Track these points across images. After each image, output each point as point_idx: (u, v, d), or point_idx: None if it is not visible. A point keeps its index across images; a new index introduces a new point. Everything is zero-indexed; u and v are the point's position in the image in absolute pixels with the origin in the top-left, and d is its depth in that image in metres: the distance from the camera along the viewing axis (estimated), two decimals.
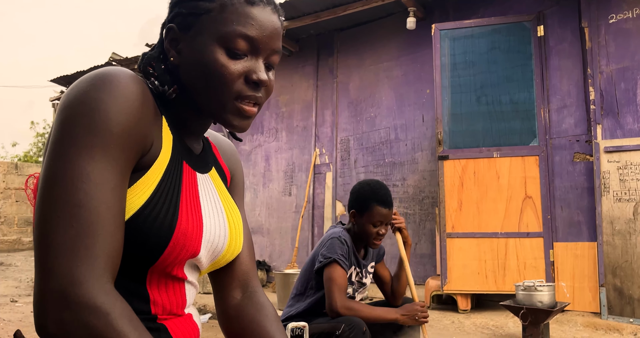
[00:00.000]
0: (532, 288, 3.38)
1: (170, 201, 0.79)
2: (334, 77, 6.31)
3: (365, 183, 2.46)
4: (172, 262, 0.80)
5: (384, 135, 5.77)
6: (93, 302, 0.64)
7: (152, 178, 0.79)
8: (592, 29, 4.38)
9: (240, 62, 0.83)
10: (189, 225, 0.81)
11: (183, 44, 0.86)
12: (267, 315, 0.99)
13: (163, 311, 0.84)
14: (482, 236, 4.52)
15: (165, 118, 0.85)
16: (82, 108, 0.70)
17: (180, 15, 0.85)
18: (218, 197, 0.94)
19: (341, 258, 2.30)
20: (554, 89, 4.64)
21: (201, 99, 0.85)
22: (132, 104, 0.74)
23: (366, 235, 2.40)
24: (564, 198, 4.48)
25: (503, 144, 4.64)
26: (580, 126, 4.48)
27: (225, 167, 1.05)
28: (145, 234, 0.75)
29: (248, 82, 0.84)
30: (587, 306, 4.22)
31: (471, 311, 4.51)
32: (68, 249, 0.65)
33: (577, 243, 4.34)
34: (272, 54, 0.88)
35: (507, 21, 4.79)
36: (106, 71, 0.75)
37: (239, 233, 0.96)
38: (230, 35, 0.82)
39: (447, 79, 4.92)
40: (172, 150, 0.84)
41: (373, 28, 6.02)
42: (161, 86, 0.87)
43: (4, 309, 5.04)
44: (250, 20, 0.83)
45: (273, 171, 6.75)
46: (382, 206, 2.36)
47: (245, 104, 0.85)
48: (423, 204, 5.39)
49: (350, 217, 2.45)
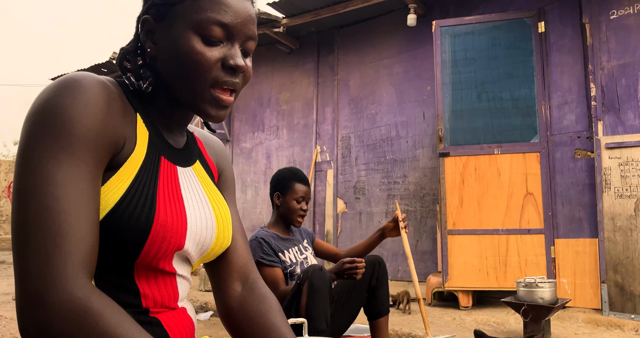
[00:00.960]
0: (533, 284, 3.37)
1: (147, 196, 0.80)
2: (334, 75, 6.30)
3: (284, 169, 2.77)
4: (155, 255, 0.81)
5: (385, 132, 5.76)
6: (68, 297, 0.65)
7: (127, 174, 0.80)
8: (593, 25, 4.36)
9: (216, 49, 0.84)
10: (168, 217, 0.81)
11: (159, 35, 0.86)
12: (271, 306, 0.99)
13: (155, 304, 0.84)
14: (483, 233, 4.52)
15: (140, 115, 0.86)
16: (45, 115, 0.72)
17: (154, 6, 0.86)
18: (202, 190, 0.94)
19: (263, 258, 2.46)
20: (555, 85, 4.63)
21: (178, 88, 0.86)
22: (95, 106, 0.75)
23: (291, 211, 2.63)
24: (565, 194, 4.47)
25: (504, 141, 4.63)
26: (581, 122, 4.47)
27: (211, 162, 1.05)
28: (122, 229, 0.76)
29: (225, 68, 0.85)
30: (588, 302, 4.22)
31: (472, 308, 4.51)
32: (39, 250, 0.66)
33: (578, 240, 4.34)
34: (248, 40, 0.88)
35: (507, 18, 4.77)
36: (69, 77, 0.76)
37: (226, 225, 0.96)
38: (204, 22, 0.83)
39: (447, 75, 4.91)
40: (147, 146, 0.85)
41: (373, 25, 6.01)
42: (137, 81, 0.88)
43: (6, 307, 5.05)
44: (224, 7, 0.84)
45: (274, 168, 6.74)
46: (302, 184, 2.65)
47: (222, 92, 0.86)
48: (424, 202, 5.39)
49: (275, 200, 2.67)
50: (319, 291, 2.21)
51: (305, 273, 2.27)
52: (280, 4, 5.70)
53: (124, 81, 0.88)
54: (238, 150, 7.19)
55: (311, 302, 2.17)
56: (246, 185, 7.01)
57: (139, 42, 0.90)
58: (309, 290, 2.21)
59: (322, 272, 2.25)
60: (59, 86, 0.75)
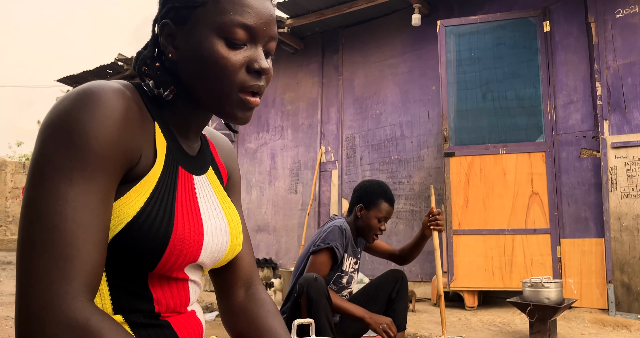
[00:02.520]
0: (539, 284, 3.36)
1: (165, 208, 0.79)
2: (339, 75, 6.30)
3: (375, 182, 2.65)
4: (171, 267, 0.81)
5: (390, 132, 5.76)
6: (67, 321, 0.64)
7: (146, 186, 0.78)
8: (598, 24, 4.35)
9: (240, 52, 0.83)
10: (186, 230, 0.81)
11: (180, 39, 0.84)
12: (269, 311, 1.01)
13: (167, 309, 0.85)
14: (489, 233, 4.50)
15: (158, 124, 0.84)
16: (61, 129, 0.70)
17: (173, 9, 0.84)
18: (216, 198, 0.94)
19: (337, 247, 2.43)
20: (560, 84, 4.61)
21: (202, 93, 0.84)
22: (112, 121, 0.73)
23: (369, 228, 2.56)
24: (571, 194, 4.45)
25: (509, 141, 4.62)
26: (587, 121, 4.46)
27: (221, 165, 1.04)
28: (140, 242, 0.75)
29: (250, 72, 0.84)
30: (594, 302, 4.20)
31: (478, 308, 4.50)
32: (42, 273, 0.65)
33: (585, 240, 4.32)
34: (270, 41, 0.87)
35: (512, 17, 4.76)
36: (88, 88, 0.74)
37: (238, 232, 0.97)
38: (228, 25, 0.81)
39: (452, 75, 4.90)
40: (165, 156, 0.83)
41: (378, 25, 6.01)
42: (156, 88, 0.86)
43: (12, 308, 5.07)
44: (246, 9, 0.82)
45: (279, 169, 6.75)
46: (388, 203, 2.57)
47: (249, 94, 0.84)
48: (429, 202, 5.37)
49: (356, 211, 2.59)
50: (317, 302, 2.20)
51: (300, 286, 2.25)
52: (284, 4, 5.70)
53: (141, 84, 0.87)
54: (243, 150, 7.19)
55: (313, 315, 2.16)
56: (251, 185, 7.02)
57: (157, 46, 0.88)
58: (307, 303, 2.21)
59: (317, 282, 2.24)
60: (76, 97, 0.73)
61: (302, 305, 2.19)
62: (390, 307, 2.56)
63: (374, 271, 5.36)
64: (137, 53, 0.91)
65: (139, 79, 0.87)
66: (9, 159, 16.20)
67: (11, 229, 11.77)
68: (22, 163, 12.43)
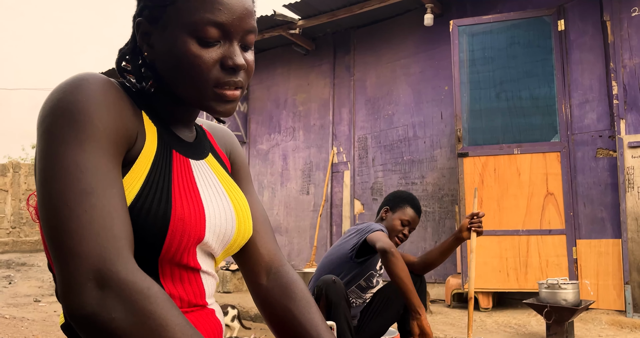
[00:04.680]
0: (556, 286, 3.33)
1: (162, 191, 0.79)
2: (350, 75, 6.29)
3: (406, 191, 2.77)
4: (177, 250, 0.80)
5: (402, 133, 5.73)
6: (132, 278, 0.66)
7: (140, 170, 0.79)
8: (614, 23, 4.30)
9: (213, 49, 0.82)
10: (185, 210, 0.80)
11: (154, 38, 0.84)
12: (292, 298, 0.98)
13: (181, 303, 0.84)
14: (503, 234, 4.47)
15: (145, 112, 0.85)
16: (61, 112, 0.72)
17: (147, 8, 0.84)
18: (218, 182, 0.93)
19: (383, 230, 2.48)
20: (576, 83, 4.56)
21: (180, 90, 0.85)
22: (107, 101, 0.75)
23: (392, 230, 2.59)
24: (586, 194, 4.41)
25: (523, 141, 4.58)
26: (603, 121, 4.41)
27: (222, 154, 1.04)
28: (141, 226, 0.76)
29: (225, 68, 0.83)
30: (611, 304, 4.15)
31: (492, 309, 4.47)
32: (88, 233, 0.66)
33: (601, 240, 4.27)
34: (246, 35, 0.85)
35: (526, 16, 4.72)
36: (77, 76, 0.76)
37: (246, 216, 0.95)
38: (198, 24, 0.80)
39: (465, 75, 4.87)
40: (157, 141, 0.84)
41: (390, 25, 5.99)
42: (138, 83, 0.87)
43: (28, 309, 5.11)
44: (217, 5, 0.80)
45: (291, 170, 6.75)
46: (413, 209, 2.63)
47: (226, 89, 0.84)
48: (442, 202, 5.35)
49: (382, 213, 2.65)
50: (337, 305, 2.19)
51: (319, 289, 2.24)
52: (296, 5, 5.70)
53: (124, 82, 0.87)
54: (255, 152, 7.20)
55: (333, 318, 2.15)
56: (263, 187, 7.02)
57: (136, 43, 0.88)
58: (327, 305, 2.20)
59: (336, 284, 2.23)
60: (68, 85, 0.75)
61: (321, 307, 2.18)
62: (408, 310, 2.53)
63: None
64: (118, 49, 0.92)
65: (119, 74, 0.89)
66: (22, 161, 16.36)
67: (25, 230, 11.88)
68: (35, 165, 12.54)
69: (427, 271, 2.71)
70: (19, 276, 7.62)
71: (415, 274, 2.62)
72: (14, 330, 3.96)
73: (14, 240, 11.46)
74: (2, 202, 11.68)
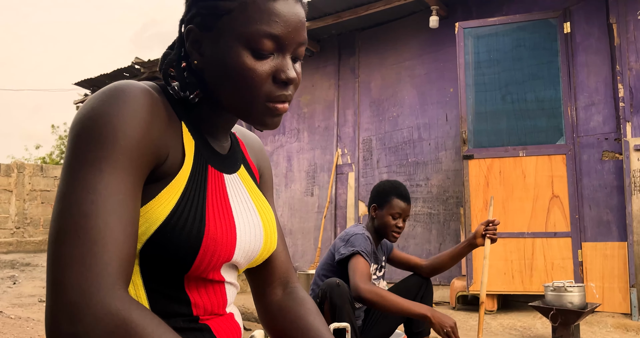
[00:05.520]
0: (562, 288, 3.32)
1: (197, 209, 0.78)
2: (355, 77, 6.29)
3: (386, 181, 2.67)
4: (205, 268, 0.80)
5: (407, 134, 5.73)
6: (107, 309, 0.62)
7: (176, 186, 0.78)
8: (620, 25, 4.29)
9: (267, 62, 0.80)
10: (218, 230, 0.80)
11: (205, 46, 0.82)
12: (309, 309, 0.99)
13: (205, 312, 0.84)
14: (509, 236, 4.46)
15: (185, 124, 0.83)
16: (88, 124, 0.71)
17: (199, 15, 0.82)
18: (249, 196, 0.93)
19: (364, 251, 2.39)
20: (581, 86, 4.56)
21: (229, 101, 0.83)
22: (139, 117, 0.73)
23: (385, 226, 2.54)
24: (592, 197, 4.40)
25: (529, 143, 4.58)
26: (609, 123, 4.40)
27: (252, 165, 1.03)
28: (174, 243, 0.75)
29: (276, 82, 0.82)
30: (617, 307, 4.14)
31: (497, 312, 4.46)
32: (76, 260, 0.64)
33: (607, 243, 4.26)
34: (299, 47, 0.84)
35: (532, 18, 4.72)
36: (115, 86, 0.75)
37: (273, 231, 0.96)
38: (254, 36, 0.78)
39: (471, 77, 4.87)
40: (194, 156, 0.83)
41: (395, 27, 5.99)
42: (182, 91, 0.85)
43: (33, 309, 5.12)
44: (274, 18, 0.79)
45: (295, 171, 6.75)
46: (401, 200, 2.54)
47: (277, 103, 0.83)
48: (447, 204, 5.34)
49: (371, 211, 2.60)
50: (341, 308, 2.19)
51: (324, 292, 2.23)
52: None
53: (166, 88, 0.86)
54: None
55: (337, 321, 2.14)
56: None
57: (182, 49, 0.86)
58: (331, 309, 2.19)
59: (340, 288, 2.22)
60: (104, 95, 0.74)
61: (326, 311, 2.17)
62: None
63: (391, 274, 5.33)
64: (163, 54, 0.90)
65: (164, 81, 0.87)
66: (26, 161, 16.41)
67: (29, 231, 11.91)
68: (39, 166, 12.57)
69: (434, 274, 2.68)
70: (23, 276, 7.64)
71: (422, 277, 2.62)
72: (20, 330, 3.96)
73: (18, 240, 11.48)
74: (7, 202, 11.70)
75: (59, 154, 20.93)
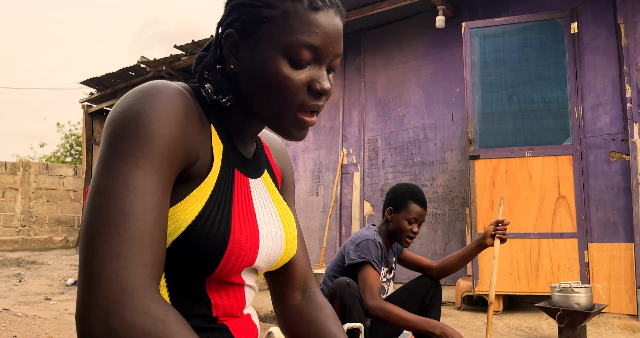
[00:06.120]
0: (569, 289, 3.32)
1: (223, 212, 0.79)
2: (361, 77, 6.29)
3: (403, 184, 2.60)
4: (228, 272, 0.81)
5: (413, 135, 5.73)
6: (147, 309, 0.63)
7: (204, 190, 0.79)
8: (628, 25, 4.28)
9: (303, 71, 0.81)
10: (243, 235, 0.81)
11: (243, 52, 0.83)
12: (328, 315, 1.01)
13: (224, 313, 0.85)
14: (515, 237, 4.45)
15: (215, 127, 0.84)
16: (126, 121, 0.71)
17: (239, 21, 0.82)
18: (271, 201, 0.94)
19: (375, 261, 2.37)
20: (588, 86, 4.55)
21: (261, 108, 0.84)
22: (175, 116, 0.74)
23: (400, 231, 2.51)
24: (599, 198, 4.39)
25: (535, 144, 4.57)
26: (616, 124, 4.39)
27: (276, 168, 1.04)
28: (199, 246, 0.75)
29: (311, 92, 0.82)
30: (623, 308, 4.13)
31: (503, 312, 4.46)
32: (115, 256, 0.64)
33: (613, 244, 4.25)
34: (335, 59, 0.85)
35: (539, 18, 4.71)
36: (150, 85, 0.75)
37: (293, 236, 0.97)
38: (294, 45, 0.79)
39: (477, 77, 4.86)
40: (222, 159, 0.83)
41: (401, 27, 5.99)
42: (215, 94, 0.86)
43: (39, 307, 5.14)
44: (314, 28, 0.80)
45: (300, 171, 6.76)
46: (417, 204, 2.49)
47: (307, 114, 0.83)
48: (453, 205, 5.34)
49: (386, 214, 2.56)
50: (351, 307, 2.19)
51: (333, 291, 2.24)
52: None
53: (197, 87, 0.86)
54: None
55: (347, 320, 2.15)
56: None
57: (218, 52, 0.87)
58: (341, 308, 2.20)
59: (350, 287, 2.22)
60: (140, 93, 0.74)
61: (335, 310, 2.17)
62: (423, 313, 2.53)
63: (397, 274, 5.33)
64: (197, 56, 0.90)
65: (199, 83, 0.87)
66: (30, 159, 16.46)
67: (34, 229, 11.95)
68: (44, 164, 12.61)
69: (444, 276, 2.66)
70: (29, 274, 7.66)
71: (431, 279, 2.61)
72: (27, 328, 3.98)
73: (23, 238, 11.53)
74: (12, 200, 11.75)
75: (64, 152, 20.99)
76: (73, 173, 12.83)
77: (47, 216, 12.22)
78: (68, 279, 6.82)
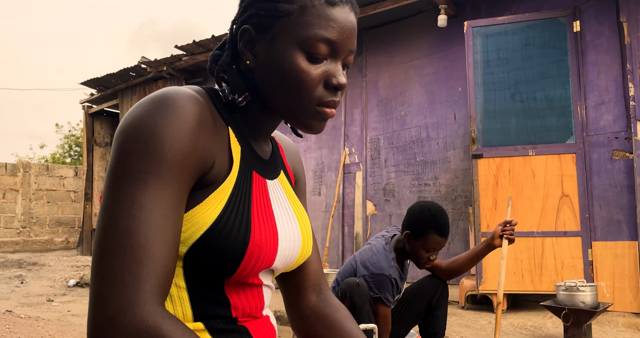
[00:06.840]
0: (574, 288, 3.32)
1: (242, 215, 0.79)
2: (363, 76, 6.29)
3: (427, 208, 2.41)
4: (248, 274, 0.81)
5: (415, 134, 5.73)
6: (142, 325, 0.64)
7: (223, 192, 0.78)
8: (630, 23, 4.28)
9: (320, 66, 0.81)
10: (263, 236, 0.81)
11: (260, 47, 0.83)
12: (345, 316, 1.00)
13: (243, 314, 0.85)
14: (518, 236, 4.41)
15: (231, 129, 0.84)
16: (137, 134, 0.70)
17: (256, 16, 0.82)
18: (288, 202, 0.94)
19: (388, 298, 2.34)
20: (591, 85, 4.54)
21: (279, 103, 0.84)
22: (187, 128, 0.73)
23: (416, 258, 2.43)
24: (602, 196, 4.39)
25: (538, 142, 4.57)
26: (619, 122, 4.39)
27: (289, 169, 1.04)
28: (219, 249, 0.75)
29: (327, 87, 0.82)
30: (628, 306, 4.13)
31: (507, 311, 4.45)
32: (116, 276, 0.65)
33: (617, 242, 4.25)
34: (349, 54, 0.85)
35: (541, 17, 4.71)
36: (163, 94, 0.74)
37: (309, 236, 0.96)
38: (311, 39, 0.79)
39: (480, 76, 4.86)
40: (240, 162, 0.83)
41: (403, 26, 5.98)
42: (232, 94, 0.85)
43: (41, 308, 5.13)
44: (331, 23, 0.80)
45: None
46: (439, 235, 2.37)
47: (327, 108, 0.84)
48: (456, 204, 5.34)
49: (404, 237, 2.44)
50: (361, 308, 2.19)
51: (343, 292, 2.24)
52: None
53: (213, 89, 0.86)
54: None
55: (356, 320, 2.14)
56: None
57: (234, 49, 0.87)
58: (350, 308, 2.20)
59: (360, 287, 2.22)
60: (150, 103, 0.73)
61: None
62: (430, 313, 2.53)
63: None
64: (212, 55, 0.90)
65: (217, 83, 0.87)
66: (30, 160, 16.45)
67: (35, 230, 11.94)
68: (45, 165, 12.60)
69: (453, 277, 2.64)
70: (30, 275, 7.65)
71: (439, 280, 2.60)
72: (30, 329, 3.97)
73: (24, 240, 11.51)
74: (13, 202, 11.74)
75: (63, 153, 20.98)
76: (73, 174, 12.81)
77: (48, 217, 12.20)
78: (70, 280, 6.81)
